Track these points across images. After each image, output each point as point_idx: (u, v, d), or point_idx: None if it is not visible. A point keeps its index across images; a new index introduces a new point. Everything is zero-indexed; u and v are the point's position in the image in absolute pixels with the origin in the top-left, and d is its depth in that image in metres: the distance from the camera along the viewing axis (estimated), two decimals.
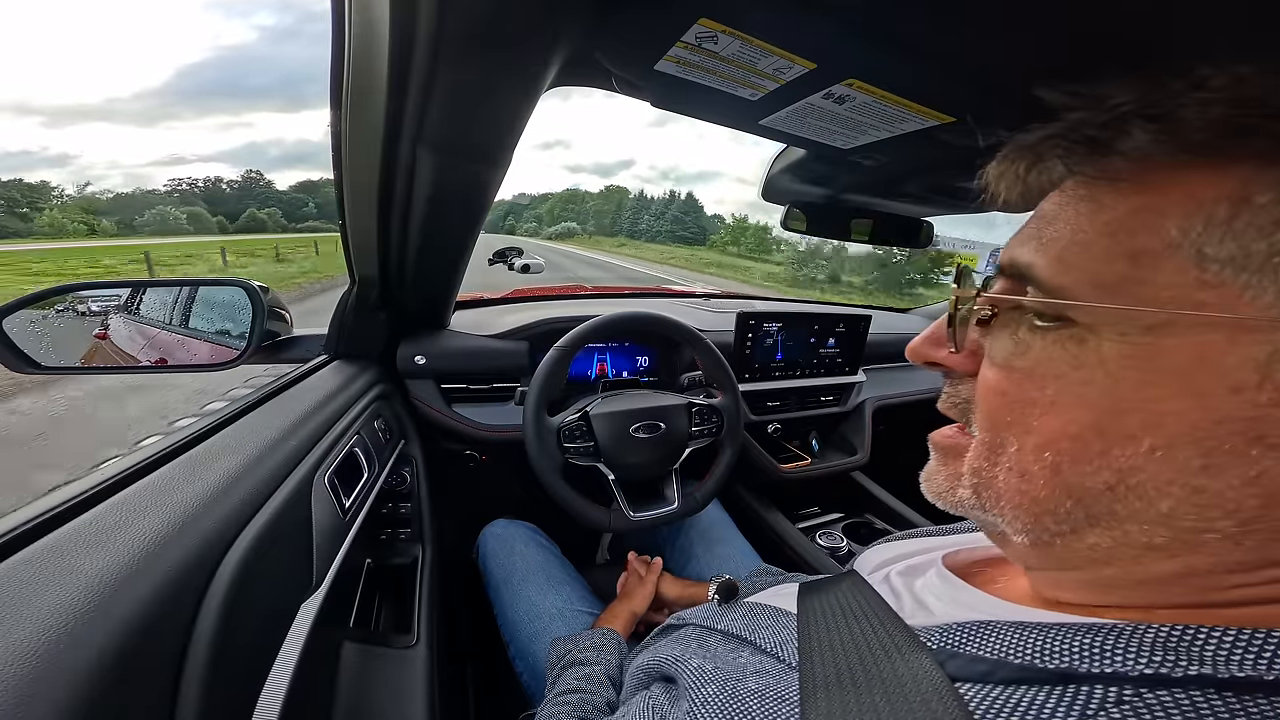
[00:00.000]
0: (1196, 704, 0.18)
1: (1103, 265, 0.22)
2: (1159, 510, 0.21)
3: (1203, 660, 0.19)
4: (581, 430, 0.83)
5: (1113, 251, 0.21)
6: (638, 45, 0.44)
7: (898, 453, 1.29)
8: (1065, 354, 0.23)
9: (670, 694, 0.35)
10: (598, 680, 0.55)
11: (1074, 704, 0.20)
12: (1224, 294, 0.19)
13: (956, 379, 0.30)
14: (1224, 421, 0.19)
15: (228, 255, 22.55)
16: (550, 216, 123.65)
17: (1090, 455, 0.22)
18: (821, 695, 0.27)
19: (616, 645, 0.63)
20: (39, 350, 0.64)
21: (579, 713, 0.50)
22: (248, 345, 0.73)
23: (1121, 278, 0.21)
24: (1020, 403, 0.24)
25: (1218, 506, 0.20)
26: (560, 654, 0.63)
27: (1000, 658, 0.24)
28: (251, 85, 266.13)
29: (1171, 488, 0.20)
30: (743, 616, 0.38)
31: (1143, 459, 0.21)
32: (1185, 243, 0.20)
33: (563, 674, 0.58)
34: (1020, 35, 0.38)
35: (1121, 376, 0.21)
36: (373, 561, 0.86)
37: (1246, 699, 0.18)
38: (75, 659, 0.26)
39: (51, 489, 0.38)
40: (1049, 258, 0.23)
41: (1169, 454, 0.20)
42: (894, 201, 0.94)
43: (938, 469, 0.30)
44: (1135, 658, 0.20)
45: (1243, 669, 0.19)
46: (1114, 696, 0.20)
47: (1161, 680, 0.20)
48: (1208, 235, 0.19)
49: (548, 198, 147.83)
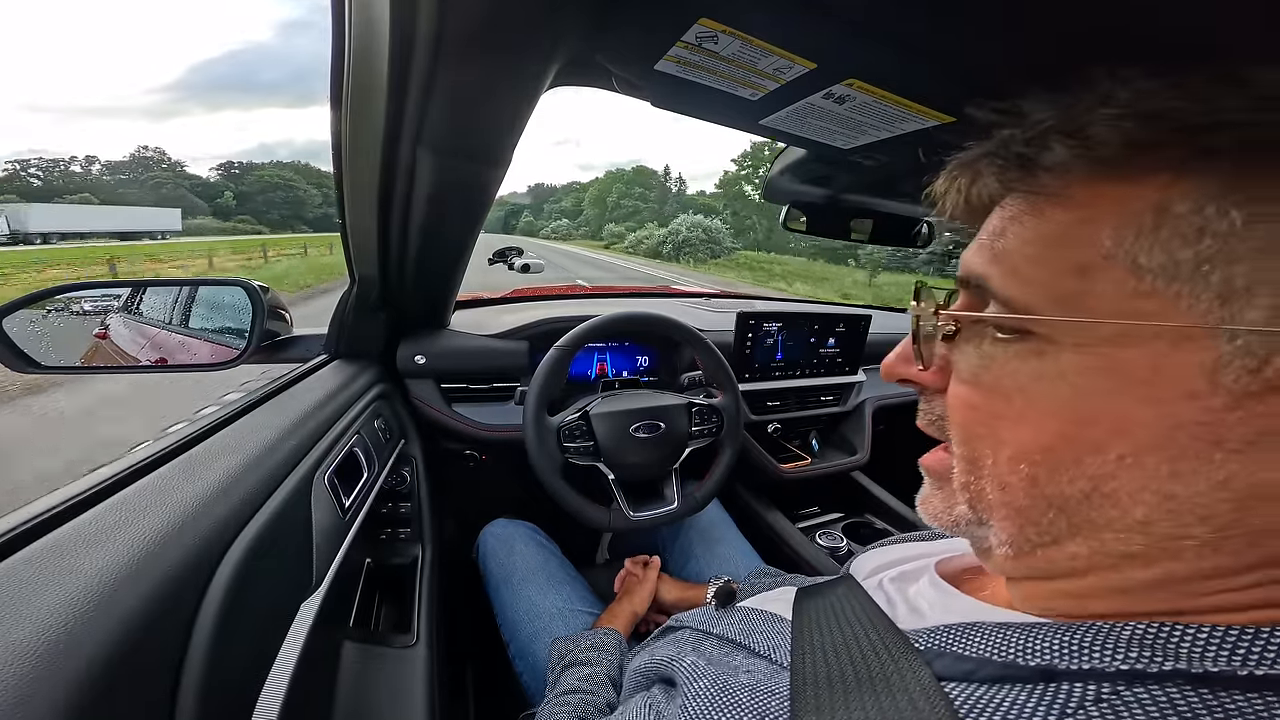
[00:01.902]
0: (1172, 699, 0.19)
1: (1052, 277, 0.22)
2: (1134, 518, 0.21)
3: (1178, 656, 0.19)
4: (581, 430, 0.83)
5: (1059, 264, 0.22)
6: (638, 45, 0.44)
7: (898, 453, 1.29)
8: (1027, 366, 0.23)
9: (669, 694, 0.36)
10: (598, 681, 0.55)
11: (1054, 701, 0.20)
12: (1160, 303, 0.19)
13: (930, 395, 0.30)
14: (1183, 427, 0.19)
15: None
16: (600, 205, 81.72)
17: (1064, 464, 0.22)
18: (810, 694, 0.27)
19: (617, 645, 0.63)
20: (39, 350, 0.64)
21: (579, 713, 0.50)
22: (248, 345, 0.73)
23: (1070, 290, 0.21)
24: (990, 416, 0.24)
25: (1190, 513, 0.20)
26: (561, 654, 0.63)
27: (984, 656, 0.24)
28: (262, 80, 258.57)
29: (1144, 494, 0.20)
30: (739, 621, 0.39)
31: (1113, 466, 0.21)
32: (1120, 253, 0.20)
33: (564, 674, 0.58)
34: (1020, 35, 0.38)
35: (1083, 387, 0.21)
36: (373, 561, 0.86)
37: (1221, 694, 0.18)
38: (75, 659, 0.26)
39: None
40: (1002, 270, 0.24)
41: (1138, 461, 0.20)
42: (894, 201, 0.95)
43: (932, 493, 0.30)
44: (1112, 654, 0.21)
45: (1217, 664, 0.19)
46: (1092, 693, 0.20)
47: (1138, 676, 0.20)
48: (1139, 245, 0.20)
49: (574, 189, 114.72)
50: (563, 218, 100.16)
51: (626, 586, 0.81)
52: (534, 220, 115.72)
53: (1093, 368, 0.21)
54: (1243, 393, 0.18)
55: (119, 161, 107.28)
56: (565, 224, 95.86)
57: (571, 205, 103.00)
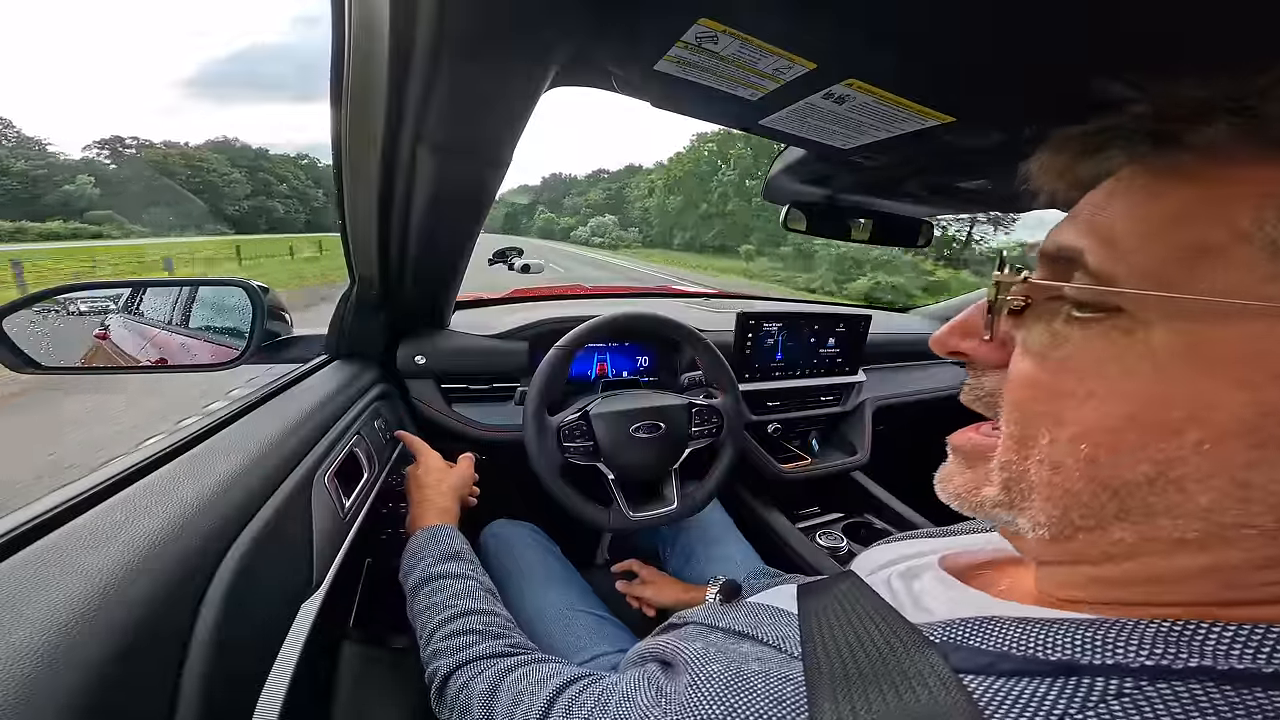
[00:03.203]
0: (1196, 696, 0.19)
1: (1163, 253, 0.21)
2: (1198, 504, 0.20)
3: (1203, 653, 0.19)
4: (581, 430, 0.83)
5: (1175, 240, 0.21)
6: (638, 45, 0.44)
7: (898, 453, 1.29)
8: (1109, 345, 0.22)
9: (669, 673, 0.35)
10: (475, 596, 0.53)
11: (1075, 695, 0.20)
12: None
13: (980, 371, 0.29)
14: (1273, 414, 0.19)
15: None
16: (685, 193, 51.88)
17: (1130, 448, 0.21)
18: (827, 683, 0.27)
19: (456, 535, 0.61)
20: (39, 350, 0.64)
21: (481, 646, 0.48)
22: (248, 345, 0.73)
23: (1184, 267, 0.21)
24: (1054, 394, 0.24)
25: (1261, 501, 0.19)
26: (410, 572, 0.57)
27: (1003, 650, 0.24)
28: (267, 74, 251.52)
29: (1214, 481, 0.20)
30: (744, 615, 0.38)
31: (1188, 451, 0.20)
32: (1258, 234, 0.19)
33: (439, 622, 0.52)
34: (1020, 35, 0.38)
35: (1169, 368, 0.21)
36: (373, 561, 0.86)
37: (1245, 692, 0.18)
38: (75, 659, 0.26)
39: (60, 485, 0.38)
40: (1100, 243, 0.23)
41: (1216, 448, 0.20)
42: (894, 201, 0.95)
43: (957, 471, 0.30)
44: (1137, 650, 0.21)
45: (1242, 661, 0.19)
46: (1115, 688, 0.20)
47: (1162, 672, 0.20)
48: (1278, 228, 0.19)
49: (602, 179, 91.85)
50: (594, 213, 75.06)
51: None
52: (555, 218, 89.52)
53: (1186, 348, 0.20)
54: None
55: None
56: (608, 223, 65.78)
57: (602, 198, 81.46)
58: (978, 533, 0.42)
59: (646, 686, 0.35)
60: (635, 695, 0.34)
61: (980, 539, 0.41)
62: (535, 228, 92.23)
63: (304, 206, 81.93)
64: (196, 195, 73.30)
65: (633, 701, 0.34)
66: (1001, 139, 0.57)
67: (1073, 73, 0.41)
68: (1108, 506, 0.22)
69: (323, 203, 76.68)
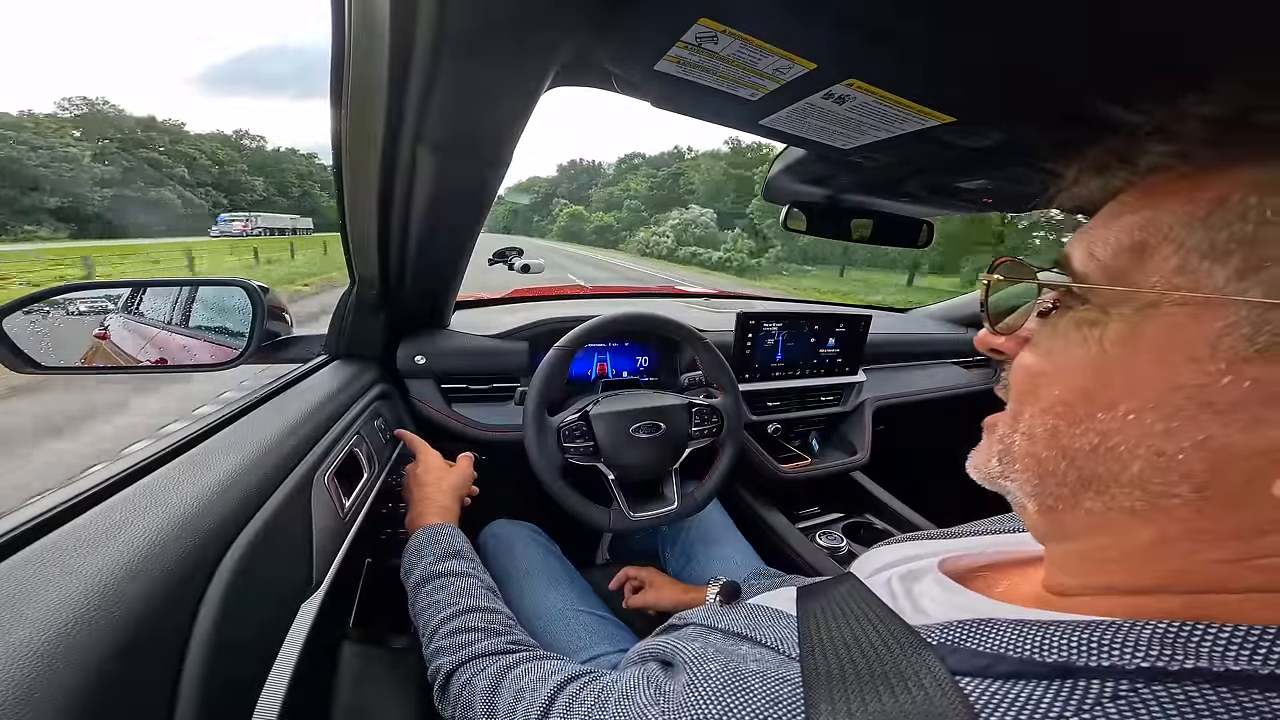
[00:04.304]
0: (1192, 698, 0.19)
1: (1114, 255, 0.25)
2: (1132, 472, 0.23)
3: (1199, 655, 0.20)
4: (581, 430, 0.83)
5: (1122, 243, 0.25)
6: (638, 45, 0.44)
7: (898, 453, 1.30)
8: (1079, 333, 0.26)
9: (668, 672, 0.36)
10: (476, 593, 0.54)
11: (1071, 697, 0.21)
12: (1194, 278, 0.22)
13: (1008, 366, 0.32)
14: (1181, 388, 0.21)
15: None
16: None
17: (1080, 418, 0.25)
18: (824, 684, 0.27)
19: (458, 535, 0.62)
20: (39, 350, 0.64)
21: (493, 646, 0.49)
22: (248, 345, 0.73)
23: (1125, 266, 0.24)
24: (1036, 374, 0.28)
25: (1175, 470, 0.22)
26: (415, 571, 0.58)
27: (999, 652, 0.24)
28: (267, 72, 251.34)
29: (1139, 449, 0.22)
30: (744, 616, 0.39)
31: (1119, 422, 0.23)
32: (1174, 236, 0.23)
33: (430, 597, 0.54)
34: (1019, 35, 0.38)
35: (1114, 350, 0.24)
36: (373, 561, 0.86)
37: (1241, 693, 0.18)
38: (75, 660, 0.26)
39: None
40: (1082, 251, 0.26)
41: (1139, 418, 0.23)
42: (894, 201, 0.95)
43: (981, 447, 0.32)
44: (1133, 652, 0.21)
45: (1238, 663, 0.19)
46: (1110, 690, 0.20)
47: (1158, 674, 0.20)
48: (1189, 230, 0.22)
49: (637, 162, 70.21)
50: (644, 208, 55.94)
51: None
52: (584, 213, 66.01)
53: (1128, 333, 0.23)
54: (1236, 358, 0.20)
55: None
56: (705, 220, 42.02)
57: (645, 188, 61.10)
58: (979, 535, 0.42)
59: (646, 685, 0.35)
60: (634, 693, 0.35)
61: (981, 541, 0.41)
62: (557, 227, 70.04)
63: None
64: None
65: (632, 699, 0.35)
66: (1001, 139, 0.57)
67: (1072, 73, 0.42)
68: (1069, 473, 0.25)
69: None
